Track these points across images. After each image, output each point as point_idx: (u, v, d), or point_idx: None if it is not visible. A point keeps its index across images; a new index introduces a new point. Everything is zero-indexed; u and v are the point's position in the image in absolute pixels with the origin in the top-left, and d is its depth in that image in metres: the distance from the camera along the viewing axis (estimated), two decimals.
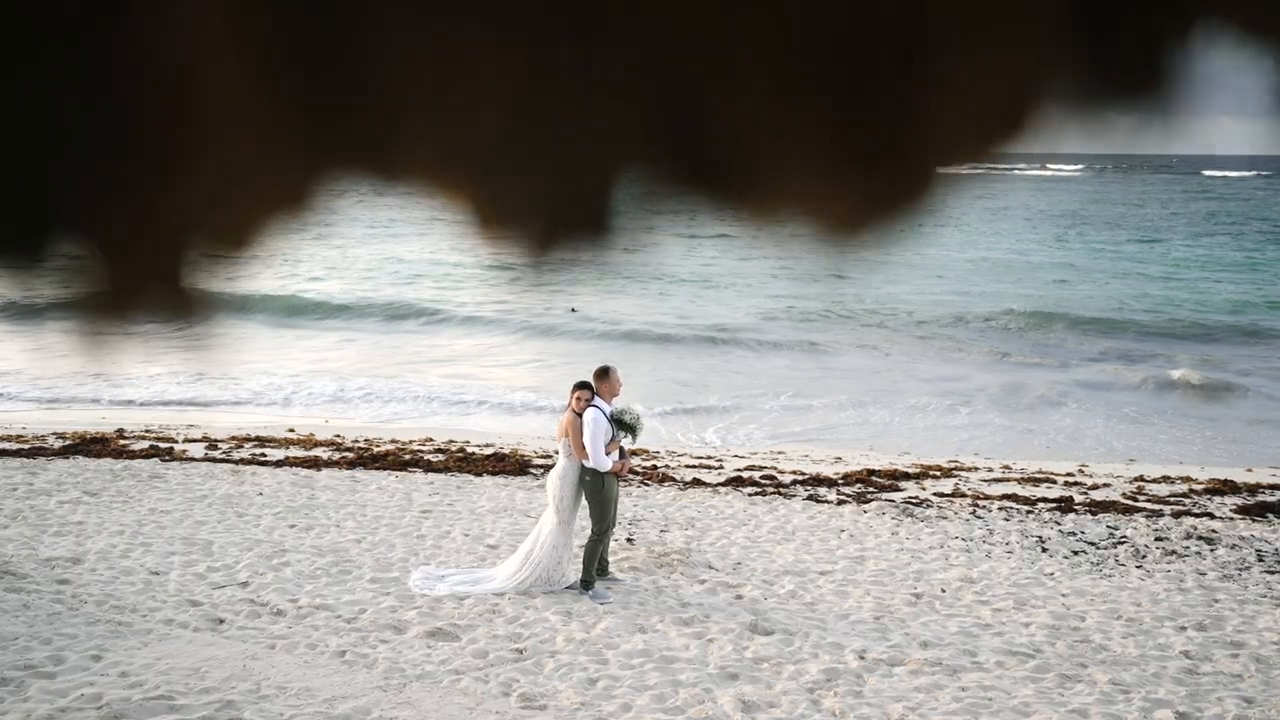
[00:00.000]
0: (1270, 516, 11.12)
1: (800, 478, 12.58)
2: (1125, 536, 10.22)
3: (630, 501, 11.00)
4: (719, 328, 26.16)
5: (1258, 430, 17.10)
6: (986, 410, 18.12)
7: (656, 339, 25.04)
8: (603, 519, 8.11)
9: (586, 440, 7.91)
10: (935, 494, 11.98)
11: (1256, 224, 60.19)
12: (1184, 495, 12.12)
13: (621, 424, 8.14)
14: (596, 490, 8.04)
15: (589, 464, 7.94)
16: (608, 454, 7.96)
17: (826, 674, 6.68)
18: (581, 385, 8.15)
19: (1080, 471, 13.40)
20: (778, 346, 24.32)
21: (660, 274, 33.26)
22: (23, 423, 15.10)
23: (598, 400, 8.04)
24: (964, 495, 11.91)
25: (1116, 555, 9.61)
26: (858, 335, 25.82)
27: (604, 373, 8.19)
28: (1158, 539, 10.14)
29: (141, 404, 17.39)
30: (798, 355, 23.43)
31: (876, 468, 13.28)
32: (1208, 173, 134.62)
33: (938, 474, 13.06)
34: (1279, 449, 15.54)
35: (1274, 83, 0.73)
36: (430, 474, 12.29)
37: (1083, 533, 10.35)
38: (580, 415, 8.00)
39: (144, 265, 0.79)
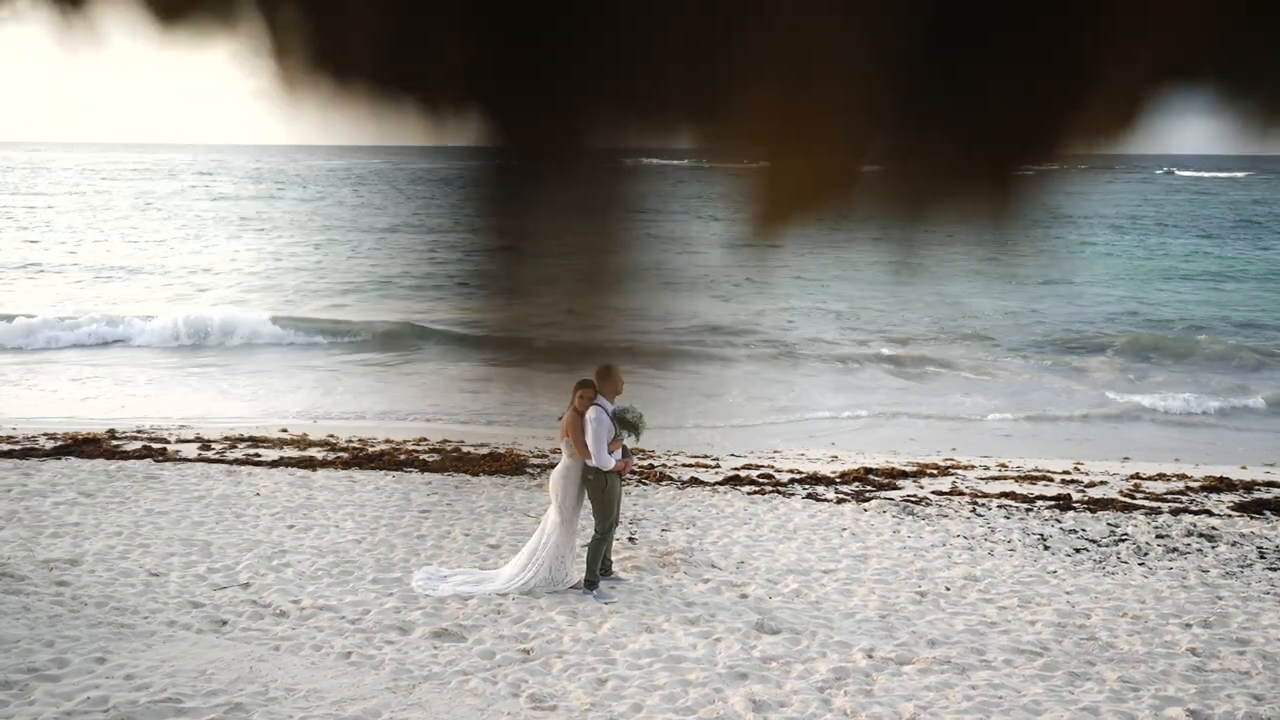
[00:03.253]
0: (1268, 514, 11.15)
1: (798, 476, 12.55)
2: (1126, 534, 10.23)
3: (630, 501, 10.96)
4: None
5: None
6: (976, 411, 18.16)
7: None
8: (606, 518, 8.06)
9: (589, 439, 7.85)
10: (933, 492, 11.97)
11: None
12: (1181, 493, 12.15)
13: (624, 422, 8.07)
14: (599, 489, 7.98)
15: (591, 463, 7.89)
16: (610, 453, 7.91)
17: (836, 673, 6.66)
18: (584, 383, 8.05)
19: (1076, 469, 13.42)
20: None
21: None
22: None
23: (600, 399, 7.97)
24: (962, 493, 11.91)
25: (1118, 553, 9.62)
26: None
27: (606, 371, 8.10)
28: (1158, 536, 10.15)
29: None
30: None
31: (873, 466, 13.28)
32: None
33: (934, 472, 13.05)
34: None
35: None
36: (427, 474, 12.21)
37: (1083, 530, 10.35)
38: (582, 414, 7.93)
39: None
